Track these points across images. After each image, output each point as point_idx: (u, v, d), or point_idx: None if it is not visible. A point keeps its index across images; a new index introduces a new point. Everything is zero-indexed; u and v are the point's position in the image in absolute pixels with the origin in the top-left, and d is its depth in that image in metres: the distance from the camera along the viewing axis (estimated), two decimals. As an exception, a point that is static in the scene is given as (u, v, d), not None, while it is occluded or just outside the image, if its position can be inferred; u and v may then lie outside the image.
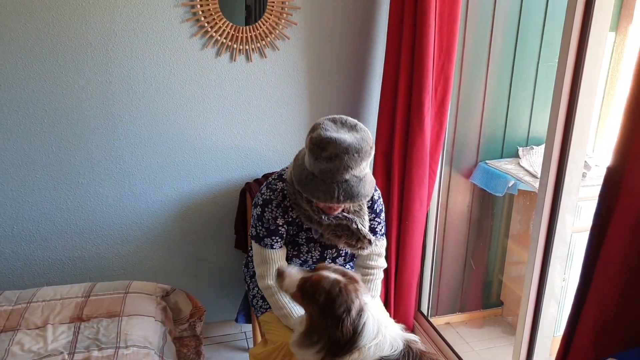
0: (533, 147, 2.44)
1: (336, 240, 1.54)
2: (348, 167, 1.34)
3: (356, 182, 1.37)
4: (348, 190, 1.36)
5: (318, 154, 1.35)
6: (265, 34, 2.04)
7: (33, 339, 1.42)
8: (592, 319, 1.14)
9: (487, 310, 2.61)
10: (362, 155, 1.36)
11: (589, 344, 1.15)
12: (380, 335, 1.22)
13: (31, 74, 1.86)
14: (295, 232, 1.59)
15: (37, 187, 1.99)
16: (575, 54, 1.40)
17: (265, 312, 1.65)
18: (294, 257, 1.62)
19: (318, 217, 1.49)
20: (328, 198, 1.36)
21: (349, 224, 1.50)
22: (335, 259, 1.65)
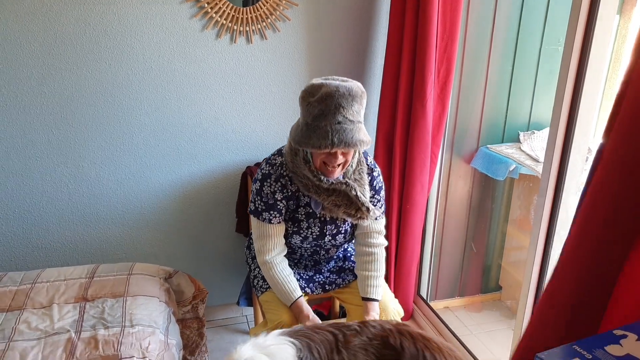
0: (534, 131, 2.44)
1: (335, 210, 1.53)
2: (340, 106, 1.35)
3: (350, 126, 1.37)
4: (342, 133, 1.35)
5: (310, 100, 1.38)
6: (265, 15, 2.02)
7: (39, 318, 1.43)
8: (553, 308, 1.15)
9: (486, 294, 2.63)
10: (354, 95, 1.37)
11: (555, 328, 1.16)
12: None
13: (29, 56, 1.84)
14: (295, 208, 1.59)
15: (38, 170, 1.99)
16: (582, 36, 1.38)
17: (265, 292, 1.66)
18: (294, 234, 1.62)
19: (317, 181, 1.47)
20: (322, 143, 1.36)
21: (347, 191, 1.48)
22: (335, 236, 1.65)
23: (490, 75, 2.36)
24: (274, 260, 1.59)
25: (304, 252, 1.71)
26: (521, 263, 2.47)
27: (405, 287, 2.30)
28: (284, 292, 1.57)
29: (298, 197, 1.58)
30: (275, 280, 1.58)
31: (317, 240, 1.63)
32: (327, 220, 1.61)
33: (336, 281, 1.74)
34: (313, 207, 1.57)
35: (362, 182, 1.55)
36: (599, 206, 1.04)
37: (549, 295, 1.16)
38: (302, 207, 1.58)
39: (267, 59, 2.10)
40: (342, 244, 1.71)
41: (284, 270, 1.60)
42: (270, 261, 1.58)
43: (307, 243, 1.65)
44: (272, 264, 1.58)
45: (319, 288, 1.72)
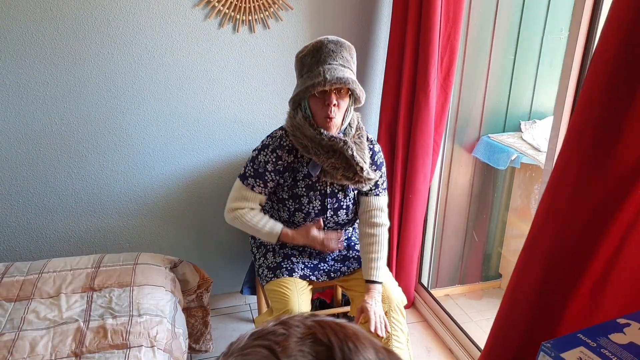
0: (536, 121, 2.45)
1: (334, 173, 1.56)
2: (330, 52, 1.48)
3: (341, 68, 1.47)
4: (333, 71, 1.45)
5: (301, 55, 1.52)
6: (268, 4, 2.01)
7: (47, 308, 1.44)
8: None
9: (486, 282, 2.66)
10: (342, 44, 1.51)
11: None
12: None
13: (32, 45, 1.83)
14: (293, 183, 1.62)
15: (42, 160, 1.99)
16: (587, 24, 1.38)
17: (270, 281, 1.67)
18: (296, 211, 1.65)
19: (317, 135, 1.51)
20: (316, 81, 1.45)
21: (344, 150, 1.52)
22: (336, 211, 1.67)
23: (492, 64, 2.35)
24: (243, 211, 1.64)
25: (311, 250, 1.73)
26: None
27: (406, 275, 2.32)
28: (264, 231, 1.63)
29: (295, 168, 1.61)
30: (251, 225, 1.63)
31: (319, 215, 1.65)
32: (328, 193, 1.63)
33: (341, 269, 1.75)
34: (311, 170, 1.59)
35: (362, 147, 1.59)
36: (557, 201, 1.07)
37: (510, 293, 1.19)
38: (301, 180, 1.62)
39: (270, 48, 2.09)
40: (344, 223, 1.72)
41: (256, 215, 1.65)
42: (240, 212, 1.64)
43: (310, 220, 1.66)
44: (242, 212, 1.64)
45: (324, 275, 1.73)
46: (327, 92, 1.49)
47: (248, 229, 1.65)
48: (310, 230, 1.62)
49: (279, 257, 1.71)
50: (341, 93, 1.51)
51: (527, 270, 1.19)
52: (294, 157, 1.61)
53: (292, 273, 1.67)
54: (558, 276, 1.11)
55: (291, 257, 1.73)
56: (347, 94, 1.53)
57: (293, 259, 1.72)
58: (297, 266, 1.70)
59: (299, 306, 1.57)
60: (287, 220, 1.70)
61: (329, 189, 1.63)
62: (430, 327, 2.30)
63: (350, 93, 1.53)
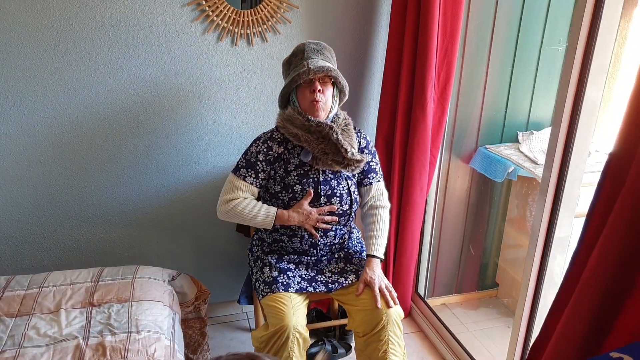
0: (533, 132, 2.46)
1: (325, 159, 1.66)
2: (312, 50, 1.67)
3: (323, 61, 1.65)
4: (316, 63, 1.63)
5: (287, 58, 1.72)
6: (266, 18, 2.02)
7: (48, 324, 1.46)
8: (574, 316, 1.16)
9: (482, 291, 2.68)
10: (323, 45, 1.72)
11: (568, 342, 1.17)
12: None
13: (32, 60, 1.85)
14: (285, 173, 1.70)
15: (42, 172, 2.01)
16: (586, 36, 1.37)
17: (266, 296, 1.68)
18: (290, 201, 1.71)
19: (306, 121, 1.63)
20: (301, 71, 1.61)
21: (331, 135, 1.62)
22: (330, 198, 1.72)
23: (490, 75, 2.37)
24: (237, 201, 1.70)
25: (304, 233, 1.74)
26: (517, 261, 2.51)
27: (403, 285, 2.34)
28: (260, 216, 1.69)
29: (286, 159, 1.71)
30: (246, 212, 1.69)
31: (313, 203, 1.70)
32: (321, 180, 1.70)
33: (339, 280, 1.76)
34: (302, 157, 1.69)
35: (349, 134, 1.70)
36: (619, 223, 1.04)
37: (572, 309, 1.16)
38: (293, 169, 1.70)
39: (268, 62, 2.10)
40: (338, 214, 1.75)
41: (250, 202, 1.71)
42: (234, 202, 1.70)
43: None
44: (236, 202, 1.70)
45: (321, 286, 1.74)
46: (312, 81, 1.64)
47: (243, 218, 1.71)
48: (302, 203, 1.68)
49: (275, 272, 1.72)
50: (325, 82, 1.67)
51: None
52: (284, 149, 1.72)
53: (288, 288, 1.68)
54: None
55: (287, 271, 1.74)
56: (330, 82, 1.68)
57: (289, 273, 1.74)
58: (293, 280, 1.71)
59: (295, 322, 1.58)
60: None
61: (321, 176, 1.71)
62: (427, 338, 2.32)
63: (334, 83, 1.69)
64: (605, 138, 2.29)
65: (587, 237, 1.19)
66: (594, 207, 1.16)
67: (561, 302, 1.26)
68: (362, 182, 1.83)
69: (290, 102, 1.71)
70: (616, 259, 1.07)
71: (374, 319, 1.64)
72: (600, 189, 1.14)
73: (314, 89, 1.63)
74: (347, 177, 1.76)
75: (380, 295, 1.67)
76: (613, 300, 1.09)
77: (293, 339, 1.56)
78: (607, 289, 1.09)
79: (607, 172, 1.13)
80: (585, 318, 1.13)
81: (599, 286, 1.10)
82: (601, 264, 1.09)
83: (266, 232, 1.84)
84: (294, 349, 1.57)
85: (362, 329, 1.68)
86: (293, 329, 1.56)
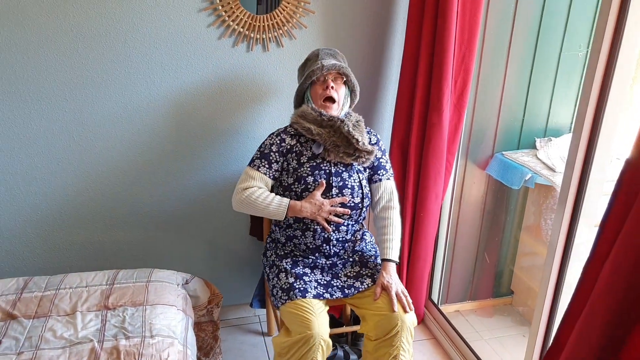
0: (551, 138, 2.41)
1: (336, 151, 1.72)
2: (326, 53, 1.79)
3: (332, 61, 1.75)
4: (329, 61, 1.74)
5: (303, 62, 1.84)
6: (282, 23, 2.02)
7: (64, 326, 1.48)
8: (586, 325, 1.14)
9: (497, 299, 2.64)
10: (336, 51, 1.84)
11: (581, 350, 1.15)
12: None
13: (52, 64, 1.88)
14: (298, 165, 1.76)
15: (60, 174, 2.04)
16: (610, 40, 1.33)
17: (285, 303, 1.67)
18: (303, 192, 1.74)
19: (318, 116, 1.72)
20: (315, 68, 1.72)
21: (342, 128, 1.70)
22: (342, 189, 1.75)
23: (507, 81, 2.34)
24: (252, 189, 1.75)
25: (316, 227, 1.74)
26: (533, 269, 2.48)
27: (417, 291, 2.32)
28: (272, 206, 1.72)
29: (299, 152, 1.77)
30: (259, 201, 1.72)
31: (325, 194, 1.73)
32: (332, 172, 1.75)
33: (354, 284, 1.75)
34: (314, 149, 1.75)
35: (360, 130, 1.76)
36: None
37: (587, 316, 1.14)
38: (306, 161, 1.75)
39: (284, 67, 2.11)
40: (350, 206, 1.76)
41: (264, 192, 1.75)
42: (248, 190, 1.74)
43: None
44: (250, 191, 1.74)
45: (337, 292, 1.73)
46: (325, 79, 1.74)
47: (257, 207, 1.74)
48: (315, 194, 1.71)
49: (291, 278, 1.72)
50: (337, 80, 1.76)
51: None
52: (297, 142, 1.79)
53: (306, 294, 1.67)
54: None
55: (303, 276, 1.74)
56: (342, 81, 1.78)
57: (305, 278, 1.73)
58: (309, 285, 1.71)
59: (319, 329, 1.58)
60: None
61: (333, 168, 1.76)
62: (440, 345, 2.30)
63: (346, 83, 1.79)
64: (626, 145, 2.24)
65: (599, 248, 1.16)
66: (607, 216, 1.14)
67: (573, 314, 1.24)
68: (372, 178, 1.85)
69: (304, 101, 1.81)
70: (630, 271, 1.04)
71: (389, 324, 1.63)
72: (615, 198, 1.11)
73: (327, 86, 1.73)
74: (358, 171, 1.80)
75: (396, 299, 1.67)
76: (627, 313, 1.06)
77: (318, 347, 1.57)
78: (621, 301, 1.06)
79: (623, 181, 1.10)
80: (598, 330, 1.11)
81: (612, 298, 1.08)
82: (615, 276, 1.07)
83: (280, 230, 1.84)
84: (317, 357, 1.58)
85: (375, 333, 1.67)
86: (318, 337, 1.57)
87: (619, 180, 1.10)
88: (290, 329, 1.63)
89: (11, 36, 1.80)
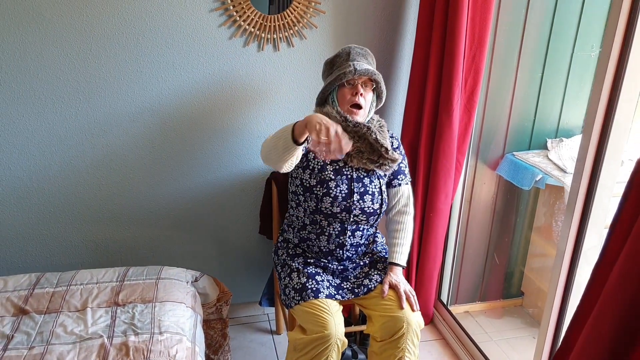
0: (563, 139, 2.39)
1: (359, 158, 1.68)
2: (358, 53, 1.70)
3: (365, 65, 1.66)
4: (360, 65, 1.65)
5: (331, 58, 1.74)
6: (293, 23, 2.03)
7: (74, 322, 1.50)
8: (594, 328, 1.12)
9: (507, 300, 2.62)
10: (367, 51, 1.74)
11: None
12: None
13: (65, 64, 1.90)
14: (322, 166, 1.71)
15: (73, 172, 2.07)
16: (621, 39, 1.32)
17: (298, 304, 1.67)
18: (324, 196, 1.70)
19: (343, 121, 1.64)
20: (347, 70, 1.63)
21: (368, 135, 1.65)
22: (363, 196, 1.72)
23: (519, 81, 2.32)
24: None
25: (332, 232, 1.73)
26: (544, 270, 2.45)
27: (426, 292, 2.31)
28: (283, 131, 1.51)
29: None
30: (276, 135, 1.54)
31: (346, 200, 1.70)
32: (354, 177, 1.71)
33: (364, 283, 1.76)
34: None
35: (384, 136, 1.71)
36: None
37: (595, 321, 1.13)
38: (329, 164, 1.71)
39: (294, 67, 2.11)
40: (370, 212, 1.74)
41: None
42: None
43: (336, 206, 1.71)
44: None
45: (348, 293, 1.74)
46: (354, 84, 1.66)
47: (274, 144, 1.54)
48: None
49: (304, 277, 1.72)
50: (366, 86, 1.69)
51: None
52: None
53: (318, 294, 1.67)
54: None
55: (315, 275, 1.74)
56: (371, 87, 1.70)
57: (317, 277, 1.73)
58: (322, 285, 1.71)
59: (336, 329, 1.59)
60: (314, 209, 1.72)
61: (355, 174, 1.72)
62: (448, 346, 2.29)
63: (374, 89, 1.71)
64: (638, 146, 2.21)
65: (609, 251, 1.14)
66: (618, 218, 1.12)
67: (582, 316, 1.22)
68: (391, 182, 1.82)
69: (329, 101, 1.72)
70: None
71: (395, 326, 1.63)
72: (626, 199, 1.10)
73: (357, 92, 1.65)
74: (379, 176, 1.77)
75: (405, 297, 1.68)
76: (636, 316, 1.05)
77: (334, 346, 1.59)
78: (630, 303, 1.05)
79: (633, 182, 1.08)
80: (607, 333, 1.10)
81: (621, 300, 1.06)
82: (624, 278, 1.05)
83: (293, 231, 1.84)
84: (332, 355, 1.59)
85: (381, 334, 1.67)
86: (335, 337, 1.58)
87: (629, 182, 1.09)
88: (305, 327, 1.64)
89: (27, 36, 1.83)
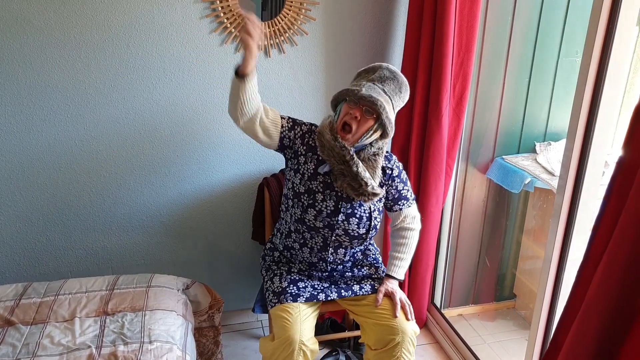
0: (550, 142, 2.42)
1: (341, 179, 1.59)
2: (382, 76, 1.57)
3: (380, 92, 1.54)
4: (371, 90, 1.53)
5: (362, 70, 1.64)
6: (284, 30, 2.04)
7: (62, 332, 1.48)
8: (581, 331, 1.14)
9: (500, 302, 2.64)
10: (397, 76, 1.59)
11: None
12: None
13: (56, 72, 1.89)
14: (312, 174, 1.64)
15: (62, 180, 2.05)
16: (600, 47, 1.35)
17: (274, 306, 1.66)
18: (309, 207, 1.64)
19: (333, 140, 1.56)
20: (353, 89, 1.54)
21: (352, 164, 1.56)
22: (349, 218, 1.65)
23: (507, 86, 2.34)
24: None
25: (313, 245, 1.70)
26: (535, 272, 2.47)
27: (419, 296, 2.32)
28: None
29: (319, 159, 1.65)
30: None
31: (330, 217, 1.64)
32: (344, 196, 1.64)
33: (353, 288, 1.73)
34: (320, 168, 1.64)
35: (373, 166, 1.62)
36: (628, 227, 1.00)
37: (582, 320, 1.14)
38: (321, 175, 1.64)
39: (285, 73, 2.12)
40: (354, 236, 1.68)
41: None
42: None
43: (320, 220, 1.64)
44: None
45: (333, 292, 1.71)
46: (357, 105, 1.55)
47: (230, 90, 1.63)
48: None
49: (285, 282, 1.71)
50: (366, 114, 1.55)
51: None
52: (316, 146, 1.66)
53: (297, 298, 1.66)
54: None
55: (298, 282, 1.72)
56: (373, 116, 1.55)
57: (300, 284, 1.72)
58: (303, 291, 1.70)
59: (300, 334, 1.56)
60: (298, 217, 1.68)
61: (345, 193, 1.63)
62: (442, 349, 2.29)
63: (377, 119, 1.56)
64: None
65: (592, 252, 1.15)
66: (600, 219, 1.12)
67: (569, 316, 1.23)
68: (391, 208, 1.77)
69: (336, 110, 1.64)
70: (623, 273, 1.03)
71: (389, 334, 1.62)
72: (607, 201, 1.10)
73: (352, 114, 1.55)
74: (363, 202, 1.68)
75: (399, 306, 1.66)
76: (622, 318, 1.06)
77: (298, 352, 1.55)
78: (614, 303, 1.06)
79: (614, 184, 1.08)
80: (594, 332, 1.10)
81: (606, 300, 1.07)
82: (607, 278, 1.06)
83: (280, 236, 1.82)
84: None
85: (375, 343, 1.65)
86: (297, 342, 1.55)
87: (610, 184, 1.09)
88: (274, 333, 1.63)
89: (15, 44, 1.82)
